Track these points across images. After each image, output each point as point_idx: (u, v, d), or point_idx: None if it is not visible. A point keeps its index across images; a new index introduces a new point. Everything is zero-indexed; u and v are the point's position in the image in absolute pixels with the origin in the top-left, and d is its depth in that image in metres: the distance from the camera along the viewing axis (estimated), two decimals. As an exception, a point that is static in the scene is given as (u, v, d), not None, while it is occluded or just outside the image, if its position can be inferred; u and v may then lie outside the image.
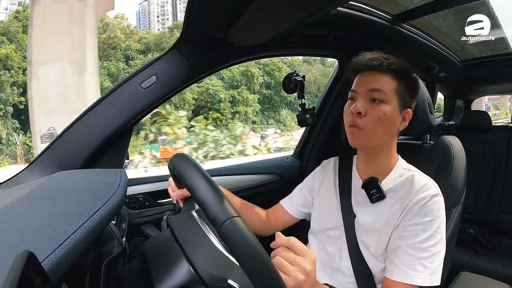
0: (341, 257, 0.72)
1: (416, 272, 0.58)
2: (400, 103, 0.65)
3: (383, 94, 0.64)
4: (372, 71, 0.66)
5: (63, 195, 0.48)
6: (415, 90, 0.69)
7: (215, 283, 0.51)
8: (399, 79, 0.65)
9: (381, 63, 0.65)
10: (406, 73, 0.66)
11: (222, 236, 0.41)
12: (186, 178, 0.48)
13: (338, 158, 0.85)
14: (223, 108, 24.40)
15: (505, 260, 1.42)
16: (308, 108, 0.99)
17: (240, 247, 0.40)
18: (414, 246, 0.60)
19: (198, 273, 0.52)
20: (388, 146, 0.70)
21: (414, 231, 0.60)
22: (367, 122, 0.64)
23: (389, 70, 0.65)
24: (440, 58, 1.51)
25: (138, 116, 0.80)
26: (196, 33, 0.79)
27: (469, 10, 1.31)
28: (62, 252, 0.33)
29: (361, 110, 0.64)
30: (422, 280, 0.58)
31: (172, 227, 0.63)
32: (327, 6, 0.63)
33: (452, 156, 0.80)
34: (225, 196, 0.44)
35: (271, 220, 0.86)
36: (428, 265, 0.58)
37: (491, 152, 1.83)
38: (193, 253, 0.55)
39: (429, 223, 0.60)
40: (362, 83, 0.67)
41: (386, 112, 0.64)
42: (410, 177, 0.67)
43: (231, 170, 1.25)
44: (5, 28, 20.47)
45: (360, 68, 0.68)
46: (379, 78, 0.65)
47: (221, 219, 0.41)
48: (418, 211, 0.61)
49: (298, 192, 0.87)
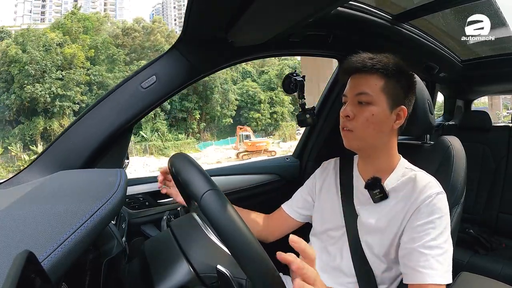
0: (342, 257, 0.72)
1: (435, 270, 0.58)
2: (390, 101, 0.65)
3: (368, 96, 0.65)
4: (360, 73, 0.67)
5: (63, 195, 0.48)
6: (409, 86, 0.68)
7: (207, 272, 0.52)
8: (388, 77, 0.65)
9: (364, 64, 0.65)
10: (396, 70, 0.65)
11: (202, 210, 0.42)
12: (176, 166, 0.52)
13: (338, 158, 0.85)
14: (262, 108, 25.58)
15: (505, 260, 1.42)
16: (308, 108, 1.00)
17: (217, 217, 0.40)
18: (426, 245, 0.59)
19: (190, 262, 0.52)
20: (386, 145, 0.70)
21: (425, 231, 0.60)
22: (356, 124, 0.66)
23: (374, 70, 0.65)
24: (440, 58, 1.51)
25: (138, 116, 0.80)
26: (196, 33, 0.79)
27: (469, 10, 1.31)
28: (62, 252, 0.33)
29: (350, 114, 0.66)
30: (441, 278, 0.57)
31: (173, 227, 0.63)
32: (327, 6, 0.63)
33: (452, 156, 0.80)
34: (206, 172, 0.46)
35: (273, 225, 0.86)
36: (442, 262, 0.58)
37: (491, 152, 1.83)
38: (189, 246, 0.55)
39: (438, 220, 0.60)
40: (351, 87, 0.69)
41: (373, 113, 0.65)
42: (412, 176, 0.67)
43: (231, 170, 1.25)
44: (67, 28, 20.74)
45: (349, 72, 0.70)
46: (365, 80, 0.66)
47: (200, 193, 0.42)
48: (425, 210, 0.61)
49: (299, 195, 0.87)
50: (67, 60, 20.44)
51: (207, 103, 23.60)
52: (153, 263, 0.57)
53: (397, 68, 0.66)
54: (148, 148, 20.34)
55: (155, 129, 21.51)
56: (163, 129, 21.84)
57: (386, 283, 0.68)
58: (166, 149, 20.59)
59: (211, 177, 0.47)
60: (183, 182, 0.48)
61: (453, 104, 2.42)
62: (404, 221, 0.64)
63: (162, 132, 21.53)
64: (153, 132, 21.13)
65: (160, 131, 21.56)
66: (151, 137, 20.92)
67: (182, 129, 22.80)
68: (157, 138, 21.27)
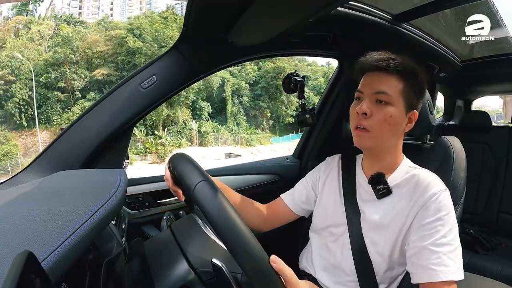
0: (343, 254, 0.72)
1: (448, 267, 0.57)
2: (406, 104, 0.65)
3: (388, 97, 0.64)
4: (379, 71, 0.66)
5: (63, 195, 0.48)
6: (421, 91, 0.68)
7: (203, 267, 0.52)
8: (406, 81, 0.65)
9: (388, 64, 0.64)
10: (413, 74, 0.65)
11: (194, 200, 0.44)
12: (173, 162, 0.55)
13: (341, 155, 0.84)
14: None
15: (505, 260, 1.42)
16: (308, 108, 1.00)
17: (208, 205, 0.42)
18: (437, 243, 0.59)
19: (187, 259, 0.53)
20: (394, 147, 0.70)
21: (434, 228, 0.60)
22: (373, 123, 0.64)
23: (395, 71, 0.64)
24: (440, 58, 1.51)
25: (138, 116, 0.80)
26: (196, 33, 0.79)
27: (469, 10, 1.31)
28: (62, 252, 0.33)
29: (367, 111, 0.64)
30: (454, 274, 0.57)
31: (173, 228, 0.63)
32: (327, 6, 0.62)
33: (452, 156, 0.80)
34: (200, 166, 0.48)
35: (271, 215, 0.85)
36: (454, 258, 0.58)
37: (491, 152, 1.83)
38: (187, 243, 0.56)
39: (445, 217, 0.60)
40: (368, 84, 0.67)
41: (391, 114, 0.64)
42: (415, 174, 0.67)
43: (231, 170, 1.25)
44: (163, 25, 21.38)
45: (367, 69, 0.68)
46: (385, 80, 0.65)
47: (192, 184, 0.44)
48: (432, 207, 0.61)
49: (301, 188, 0.85)
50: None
51: (275, 103, 25.19)
52: (153, 263, 0.57)
53: (414, 72, 0.65)
54: (239, 139, 22.57)
55: (237, 123, 23.74)
56: (244, 124, 23.97)
57: (386, 282, 0.68)
58: (252, 141, 22.68)
59: (211, 177, 0.47)
60: (178, 175, 0.50)
61: (453, 104, 2.42)
62: (409, 218, 0.63)
63: (245, 126, 23.84)
64: (238, 127, 23.60)
65: (241, 125, 23.80)
66: (239, 130, 23.29)
67: (253, 125, 24.66)
68: (243, 131, 23.47)
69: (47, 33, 20.34)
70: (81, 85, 19.18)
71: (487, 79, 2.04)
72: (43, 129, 18.32)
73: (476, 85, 2.26)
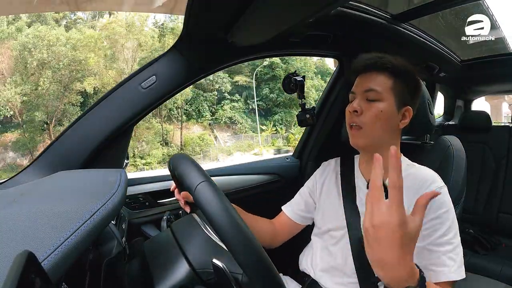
0: (343, 257, 0.72)
1: (448, 267, 0.57)
2: (397, 100, 0.67)
3: (378, 94, 0.66)
4: (369, 71, 0.68)
5: (63, 195, 0.48)
6: (416, 88, 0.70)
7: (203, 267, 0.52)
8: (396, 77, 0.67)
9: (375, 63, 0.67)
10: (403, 71, 0.67)
11: (195, 201, 0.44)
12: (173, 163, 0.55)
13: (338, 158, 0.84)
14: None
15: (505, 260, 1.42)
16: (308, 108, 1.00)
17: (209, 206, 0.41)
18: (436, 242, 0.58)
19: (187, 259, 0.53)
20: (390, 145, 0.69)
21: (433, 227, 0.59)
22: (364, 119, 0.66)
23: (384, 69, 0.67)
24: (440, 58, 1.51)
25: (138, 116, 0.80)
26: (196, 33, 0.79)
27: (469, 10, 1.31)
28: (62, 252, 0.33)
29: (357, 108, 0.67)
30: (454, 274, 0.57)
31: (173, 228, 0.63)
32: (327, 6, 0.63)
33: (452, 156, 0.80)
34: (200, 166, 0.48)
35: (279, 228, 0.85)
36: (454, 258, 0.58)
37: (491, 152, 1.83)
38: (187, 243, 0.55)
39: (445, 214, 0.59)
40: (359, 84, 0.70)
41: (382, 109, 0.66)
42: (413, 171, 0.67)
43: (231, 170, 1.25)
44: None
45: (358, 70, 0.71)
46: (375, 78, 0.67)
47: (193, 184, 0.44)
48: (431, 205, 0.60)
49: (299, 198, 0.87)
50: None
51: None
52: (153, 263, 0.57)
53: (405, 70, 0.67)
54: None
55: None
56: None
57: None
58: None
59: (211, 177, 0.47)
60: (179, 176, 0.49)
61: (453, 104, 2.42)
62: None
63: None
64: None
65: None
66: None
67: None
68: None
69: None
70: (227, 90, 21.41)
71: (487, 79, 2.05)
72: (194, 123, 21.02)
73: (476, 85, 2.26)
